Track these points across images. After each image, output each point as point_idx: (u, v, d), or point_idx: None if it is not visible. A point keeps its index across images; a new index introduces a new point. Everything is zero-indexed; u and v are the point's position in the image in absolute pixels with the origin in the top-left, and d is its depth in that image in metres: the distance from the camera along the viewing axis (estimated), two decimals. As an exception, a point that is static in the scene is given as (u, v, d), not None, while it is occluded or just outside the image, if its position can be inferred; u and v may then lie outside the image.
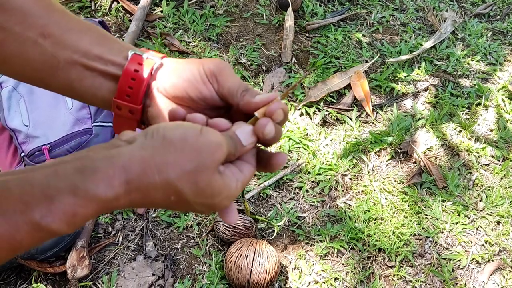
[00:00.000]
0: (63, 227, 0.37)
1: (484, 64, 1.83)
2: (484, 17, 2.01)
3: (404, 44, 1.84)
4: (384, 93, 1.72)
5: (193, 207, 0.42)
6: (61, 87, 0.49)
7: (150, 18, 1.76)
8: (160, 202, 0.40)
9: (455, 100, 1.70)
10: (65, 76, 0.48)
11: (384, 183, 1.48)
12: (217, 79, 0.47)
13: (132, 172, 0.38)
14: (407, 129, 1.61)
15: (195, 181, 0.39)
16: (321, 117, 1.61)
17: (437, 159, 1.56)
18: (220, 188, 0.41)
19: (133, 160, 0.38)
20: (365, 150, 1.55)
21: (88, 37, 0.48)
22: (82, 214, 0.37)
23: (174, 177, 0.39)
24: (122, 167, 0.38)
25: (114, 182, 0.37)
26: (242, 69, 1.70)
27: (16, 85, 1.25)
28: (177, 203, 0.41)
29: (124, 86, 0.47)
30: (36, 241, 0.37)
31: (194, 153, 0.40)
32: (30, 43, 0.46)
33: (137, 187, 0.38)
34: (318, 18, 1.89)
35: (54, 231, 0.37)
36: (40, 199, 0.36)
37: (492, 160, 1.56)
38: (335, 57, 1.78)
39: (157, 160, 0.39)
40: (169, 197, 0.40)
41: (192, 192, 0.40)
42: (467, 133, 1.62)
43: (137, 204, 0.40)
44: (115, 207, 0.39)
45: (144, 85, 0.47)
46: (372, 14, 1.95)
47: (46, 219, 0.36)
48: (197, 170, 0.39)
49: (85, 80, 0.48)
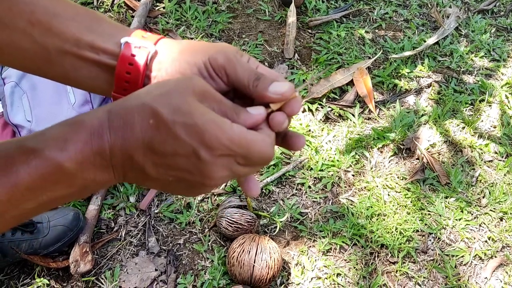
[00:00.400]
0: (56, 153, 0.37)
1: (488, 60, 1.82)
2: (487, 13, 2.00)
3: (407, 40, 1.83)
4: (387, 89, 1.72)
5: (177, 135, 0.38)
6: (58, 77, 0.48)
7: (153, 14, 1.76)
8: (141, 129, 0.38)
9: (458, 97, 1.70)
10: (59, 66, 0.47)
11: (386, 179, 1.47)
12: (226, 72, 0.44)
13: (115, 102, 0.40)
14: (410, 126, 1.60)
15: (169, 101, 0.39)
16: (324, 113, 1.60)
17: (440, 155, 1.55)
18: (200, 109, 0.39)
19: (117, 100, 0.41)
20: (368, 147, 1.55)
21: (76, 23, 0.46)
22: (72, 140, 0.38)
23: (148, 99, 0.39)
24: (108, 105, 0.41)
25: (98, 112, 0.40)
26: (244, 65, 1.70)
27: (18, 80, 1.25)
28: (157, 127, 0.38)
29: (120, 81, 0.46)
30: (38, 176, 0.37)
31: (169, 81, 0.41)
32: (20, 32, 0.44)
33: (116, 112, 0.39)
34: (320, 15, 1.89)
35: (48, 157, 0.37)
36: (34, 135, 0.39)
37: (495, 156, 1.56)
38: (338, 53, 1.78)
39: (138, 92, 0.41)
40: (148, 120, 0.38)
41: (167, 109, 0.38)
42: (471, 130, 1.61)
43: (120, 133, 0.39)
44: (101, 136, 0.39)
45: (140, 80, 0.46)
46: (375, 10, 1.94)
47: (38, 144, 0.37)
48: (170, 91, 0.39)
49: (80, 70, 0.47)
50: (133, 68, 0.46)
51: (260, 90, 0.43)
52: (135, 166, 0.40)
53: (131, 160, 0.39)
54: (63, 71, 0.47)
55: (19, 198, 0.37)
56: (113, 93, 0.47)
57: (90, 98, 1.27)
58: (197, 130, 0.38)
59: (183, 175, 0.40)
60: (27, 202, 0.38)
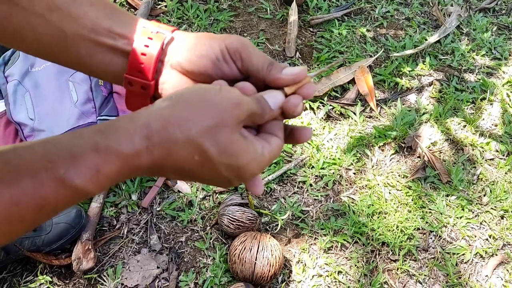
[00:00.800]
0: (87, 184, 0.37)
1: (489, 58, 1.83)
2: (489, 12, 2.00)
3: (409, 39, 1.83)
4: (388, 87, 1.72)
5: (219, 171, 0.40)
6: (71, 62, 0.48)
7: (154, 13, 1.77)
8: (184, 163, 0.39)
9: (460, 95, 1.70)
10: (74, 51, 0.47)
11: (388, 177, 1.48)
12: (241, 57, 0.46)
13: (152, 127, 0.38)
14: (411, 124, 1.61)
15: (216, 137, 0.39)
16: (325, 111, 1.61)
17: (441, 153, 1.55)
18: (243, 148, 0.41)
19: (153, 117, 0.39)
20: (369, 145, 1.55)
21: (95, 9, 0.46)
22: (105, 171, 0.37)
23: (194, 133, 0.38)
24: (142, 124, 0.38)
25: (134, 138, 0.38)
26: (246, 63, 1.70)
27: (21, 79, 1.26)
28: (202, 164, 0.40)
29: (134, 63, 0.46)
30: (62, 200, 0.37)
31: (212, 109, 0.39)
32: (37, 16, 0.45)
33: (158, 143, 0.38)
34: (322, 13, 1.89)
35: (78, 188, 0.36)
36: (64, 157, 0.37)
37: (496, 154, 1.56)
38: (339, 51, 1.78)
39: (176, 117, 0.39)
40: (193, 156, 0.39)
41: (215, 149, 0.39)
42: (472, 128, 1.61)
43: (161, 164, 0.39)
44: (139, 167, 0.38)
45: (154, 61, 0.46)
46: (377, 9, 1.94)
47: (70, 174, 0.36)
48: (217, 126, 0.39)
49: (95, 55, 0.47)
50: (149, 50, 0.46)
51: (273, 73, 0.45)
52: (161, 176, 0.43)
53: (160, 175, 0.42)
54: (77, 57, 0.47)
55: (42, 218, 0.37)
56: (125, 74, 0.47)
57: (93, 97, 1.27)
58: (239, 171, 0.41)
59: (211, 183, 0.45)
60: (45, 219, 0.38)
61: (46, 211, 0.37)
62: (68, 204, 0.38)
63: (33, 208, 0.36)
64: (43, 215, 0.37)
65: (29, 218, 0.36)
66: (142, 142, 0.38)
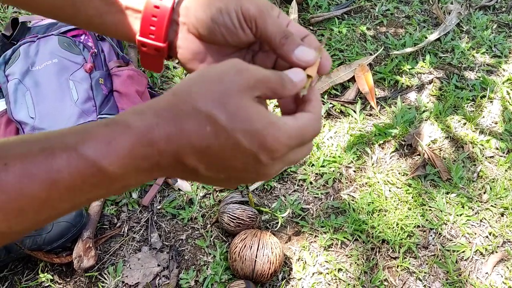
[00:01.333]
0: (99, 156, 0.35)
1: (489, 56, 1.82)
2: (489, 10, 2.00)
3: (409, 37, 1.83)
4: (388, 85, 1.72)
5: (238, 141, 0.37)
6: (82, 23, 0.48)
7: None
8: (198, 137, 0.37)
9: (460, 93, 1.70)
10: (84, 12, 0.46)
11: (388, 175, 1.48)
12: (256, 24, 0.44)
13: (161, 104, 0.37)
14: (411, 122, 1.61)
15: (223, 104, 0.37)
16: (325, 109, 1.61)
17: (441, 151, 1.55)
18: (257, 111, 0.37)
19: (161, 98, 0.38)
20: (369, 143, 1.55)
21: None
22: (116, 144, 0.36)
23: (201, 104, 0.37)
24: (152, 102, 0.38)
25: (144, 114, 0.37)
26: (246, 62, 1.70)
27: (22, 77, 1.26)
28: (216, 135, 0.37)
29: (146, 24, 0.45)
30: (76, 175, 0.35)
31: (216, 80, 0.38)
32: None
33: (167, 118, 0.37)
34: (322, 11, 1.89)
35: (91, 160, 0.35)
36: (75, 132, 0.36)
37: (496, 152, 1.56)
38: (339, 50, 1.78)
39: (184, 93, 0.38)
40: (205, 127, 0.36)
41: (225, 116, 0.36)
42: (472, 126, 1.61)
43: (176, 145, 0.37)
44: (151, 142, 0.36)
45: (166, 21, 0.45)
46: (377, 7, 1.94)
47: (81, 145, 0.35)
48: (223, 94, 0.37)
49: (105, 16, 0.46)
50: (160, 12, 0.45)
51: (285, 51, 0.43)
52: (186, 169, 0.38)
53: (183, 165, 0.38)
54: (87, 17, 0.47)
55: (56, 197, 0.35)
56: (137, 37, 0.46)
57: (93, 95, 1.28)
58: (258, 136, 0.37)
59: (238, 174, 0.40)
60: (63, 203, 0.36)
61: (59, 189, 0.35)
62: (88, 189, 0.36)
63: (46, 182, 0.34)
64: (56, 192, 0.35)
65: (43, 194, 0.34)
66: (152, 118, 0.37)
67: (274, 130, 0.37)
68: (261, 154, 0.38)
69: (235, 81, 0.38)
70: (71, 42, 1.30)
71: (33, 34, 1.33)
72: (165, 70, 1.64)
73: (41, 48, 1.29)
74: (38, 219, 0.36)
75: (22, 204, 0.34)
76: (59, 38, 1.30)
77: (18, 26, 1.35)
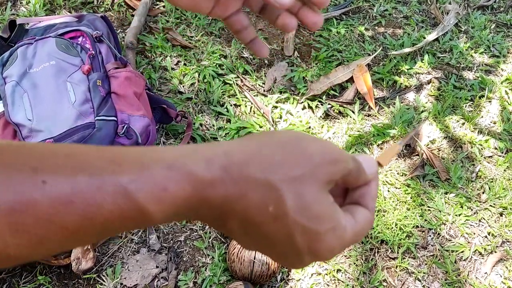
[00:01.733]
0: (150, 202, 0.30)
1: (488, 56, 1.82)
2: (487, 9, 2.00)
3: (407, 37, 1.83)
4: (387, 86, 1.72)
5: (292, 234, 0.33)
6: None
7: (153, 13, 1.77)
8: (255, 211, 0.32)
9: (458, 93, 1.70)
10: None
11: (386, 175, 1.48)
12: None
13: (234, 159, 0.32)
14: (410, 122, 1.61)
15: (300, 190, 0.32)
16: (324, 110, 1.61)
17: (440, 151, 1.55)
18: (328, 213, 0.33)
19: (235, 149, 0.33)
20: (368, 143, 1.55)
21: None
22: (173, 193, 0.31)
23: (276, 177, 0.32)
24: (223, 152, 0.33)
25: (212, 164, 0.32)
26: (244, 63, 1.70)
27: (19, 79, 1.26)
28: (274, 218, 0.32)
29: None
30: (117, 215, 0.30)
31: (305, 158, 0.33)
32: None
33: (235, 178, 0.32)
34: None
35: (139, 204, 0.30)
36: (132, 163, 0.31)
37: (495, 152, 1.56)
38: (338, 50, 1.78)
39: (262, 156, 0.33)
40: (267, 205, 0.32)
41: (295, 204, 0.32)
42: (470, 126, 1.61)
43: (231, 207, 0.32)
44: (208, 201, 0.32)
45: None
46: (375, 7, 1.94)
47: (134, 184, 0.30)
48: (305, 177, 0.32)
49: None
50: None
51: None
52: (222, 225, 0.34)
53: (222, 222, 0.34)
54: None
55: (87, 232, 0.30)
56: None
57: (91, 97, 1.28)
58: (315, 240, 0.33)
59: (269, 252, 0.36)
60: (90, 237, 0.31)
61: (94, 224, 0.30)
62: (120, 227, 0.31)
63: (82, 215, 0.29)
64: (89, 226, 0.30)
65: (74, 226, 0.29)
66: (219, 171, 0.32)
67: (333, 238, 0.34)
68: (307, 256, 0.35)
69: (325, 170, 0.33)
70: (68, 44, 1.30)
71: (31, 36, 1.33)
72: (162, 71, 1.64)
73: (39, 50, 1.29)
74: (59, 247, 0.31)
75: (47, 232, 0.29)
76: (56, 40, 1.30)
77: (16, 28, 1.36)
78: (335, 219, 0.34)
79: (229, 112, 1.56)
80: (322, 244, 0.34)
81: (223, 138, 1.51)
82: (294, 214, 0.32)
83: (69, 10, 1.72)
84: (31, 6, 1.68)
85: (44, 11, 1.67)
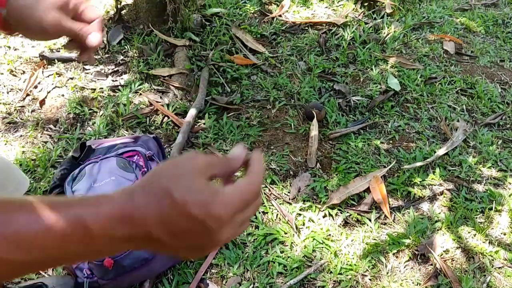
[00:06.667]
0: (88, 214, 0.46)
1: (495, 170, 1.98)
2: (494, 126, 2.19)
3: (419, 151, 2.03)
4: (401, 196, 1.89)
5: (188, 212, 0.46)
6: None
7: (194, 129, 2.06)
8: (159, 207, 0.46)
9: (469, 204, 1.84)
10: None
11: (402, 284, 1.59)
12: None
13: (137, 184, 0.49)
14: (424, 232, 1.74)
15: (178, 181, 0.47)
16: (343, 218, 1.78)
17: (453, 261, 1.66)
18: (204, 187, 0.47)
19: (140, 180, 0.51)
20: (384, 252, 1.68)
21: None
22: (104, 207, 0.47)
23: (163, 181, 0.47)
24: (132, 184, 0.51)
25: (124, 190, 0.49)
26: (272, 173, 1.93)
27: (85, 193, 1.51)
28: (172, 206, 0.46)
29: None
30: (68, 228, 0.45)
31: (178, 163, 0.49)
32: None
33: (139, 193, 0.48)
34: (340, 127, 2.14)
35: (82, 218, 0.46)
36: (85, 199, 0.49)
37: (505, 263, 1.65)
38: (356, 162, 1.99)
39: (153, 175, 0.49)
40: (164, 199, 0.46)
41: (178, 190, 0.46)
42: (482, 236, 1.73)
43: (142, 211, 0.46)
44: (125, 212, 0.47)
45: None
46: (389, 123, 2.18)
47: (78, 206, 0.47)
48: (179, 174, 0.47)
49: None
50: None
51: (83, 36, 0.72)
52: (152, 239, 0.47)
53: (150, 235, 0.47)
54: None
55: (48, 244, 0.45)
56: None
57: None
58: (204, 205, 0.46)
59: (195, 243, 0.49)
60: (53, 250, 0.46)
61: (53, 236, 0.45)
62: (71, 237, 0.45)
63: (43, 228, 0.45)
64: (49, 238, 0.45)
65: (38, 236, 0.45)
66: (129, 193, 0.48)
67: (217, 198, 0.47)
68: (209, 221, 0.46)
69: (188, 165, 0.49)
70: (126, 162, 1.57)
71: (97, 155, 1.61)
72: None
73: (102, 167, 1.56)
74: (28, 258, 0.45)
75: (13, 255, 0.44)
76: (117, 160, 1.57)
77: (85, 149, 1.65)
78: (211, 188, 0.47)
79: (257, 219, 1.75)
80: (212, 205, 0.46)
81: (251, 243, 1.68)
82: (180, 195, 0.46)
83: (126, 128, 2.04)
84: (96, 126, 2.01)
85: (106, 130, 1.99)
